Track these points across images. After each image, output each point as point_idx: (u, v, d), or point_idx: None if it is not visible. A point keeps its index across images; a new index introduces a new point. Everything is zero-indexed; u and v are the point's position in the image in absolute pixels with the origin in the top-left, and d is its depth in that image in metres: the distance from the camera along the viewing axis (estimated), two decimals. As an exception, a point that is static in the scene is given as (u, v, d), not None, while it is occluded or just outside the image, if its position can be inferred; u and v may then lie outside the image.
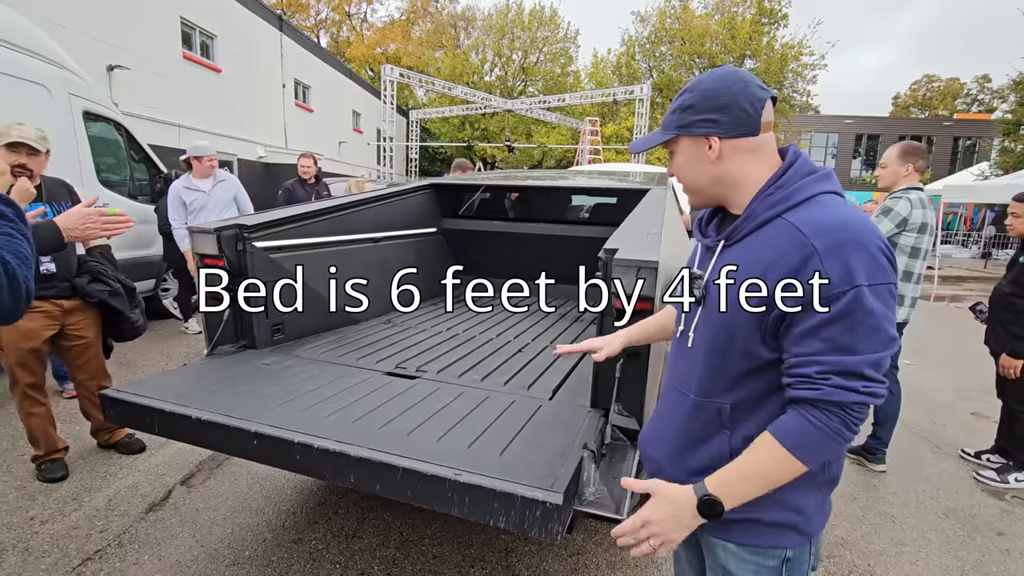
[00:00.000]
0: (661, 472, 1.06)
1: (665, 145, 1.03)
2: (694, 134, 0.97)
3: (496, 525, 1.27)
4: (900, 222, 2.84)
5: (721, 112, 0.94)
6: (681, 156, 1.02)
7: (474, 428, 1.57)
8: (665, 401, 1.13)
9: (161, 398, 1.69)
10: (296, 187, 5.49)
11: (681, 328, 1.07)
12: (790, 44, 24.06)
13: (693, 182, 1.03)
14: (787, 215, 0.90)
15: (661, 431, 1.12)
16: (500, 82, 29.99)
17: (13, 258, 0.93)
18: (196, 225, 2.17)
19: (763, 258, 0.90)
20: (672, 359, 1.13)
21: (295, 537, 2.31)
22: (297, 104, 17.34)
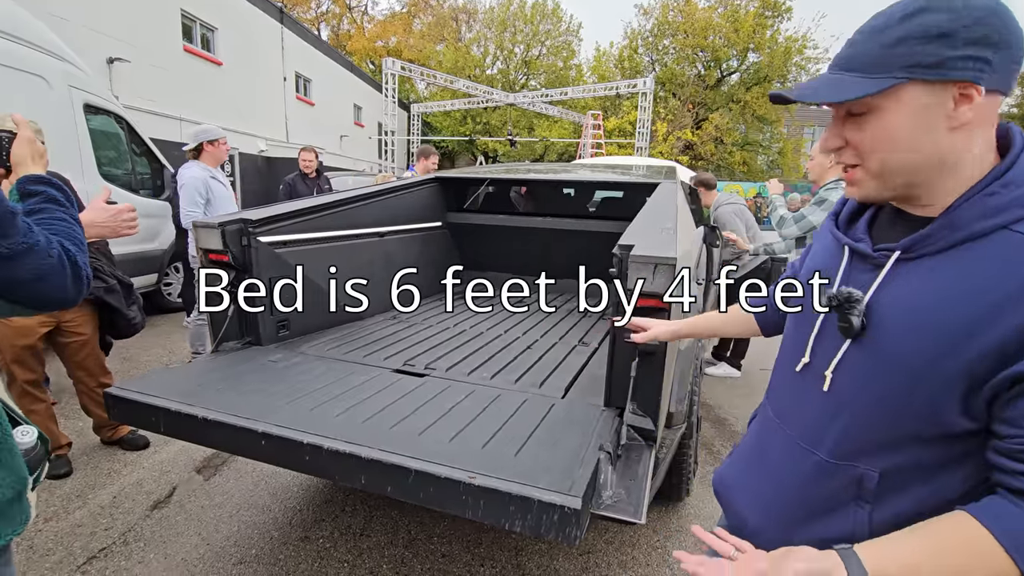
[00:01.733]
0: (754, 537, 0.81)
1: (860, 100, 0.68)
2: (948, 78, 0.63)
3: (512, 529, 1.24)
4: None
5: (995, 50, 0.62)
6: (900, 115, 0.66)
7: (487, 428, 1.54)
8: (767, 445, 0.90)
9: (166, 396, 1.66)
10: (297, 181, 5.45)
11: (806, 360, 0.81)
12: (794, 37, 23.89)
13: (905, 158, 0.68)
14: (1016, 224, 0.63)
15: (758, 486, 0.88)
16: (502, 76, 29.83)
17: (72, 245, 0.93)
18: (200, 220, 2.13)
19: (988, 288, 0.63)
20: (781, 394, 0.89)
21: (302, 535, 2.28)
22: (298, 97, 17.25)
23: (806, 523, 0.79)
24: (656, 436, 1.62)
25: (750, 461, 0.94)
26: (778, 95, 0.73)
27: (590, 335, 2.69)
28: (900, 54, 0.64)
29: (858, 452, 0.74)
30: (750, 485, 0.91)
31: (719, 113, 24.18)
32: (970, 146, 0.66)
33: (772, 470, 0.87)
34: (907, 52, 0.64)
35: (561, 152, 27.04)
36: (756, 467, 0.91)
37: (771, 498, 0.86)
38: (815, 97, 0.70)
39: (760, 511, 0.87)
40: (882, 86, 0.65)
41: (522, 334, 2.66)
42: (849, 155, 0.74)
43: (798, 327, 0.86)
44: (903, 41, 0.64)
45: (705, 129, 23.88)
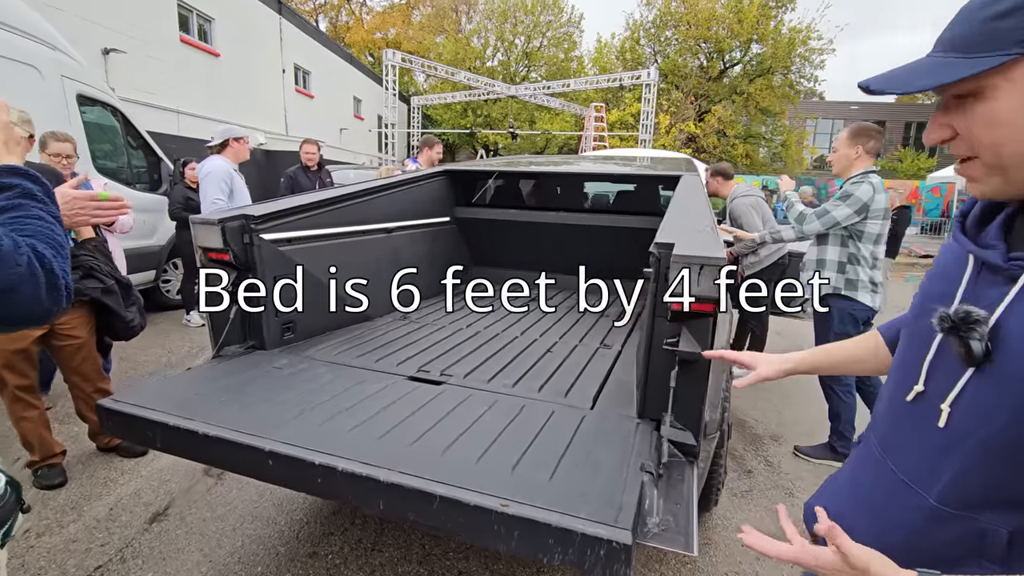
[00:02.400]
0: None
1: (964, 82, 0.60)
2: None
3: (551, 563, 1.11)
4: (860, 208, 2.67)
5: None
6: (1013, 96, 0.58)
7: (516, 445, 1.40)
8: (866, 480, 0.79)
9: (163, 409, 1.52)
10: (299, 174, 5.28)
11: (919, 389, 0.70)
12: (798, 28, 23.59)
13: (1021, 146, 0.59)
14: None
15: (858, 525, 0.74)
16: (503, 67, 29.52)
17: (49, 249, 0.78)
18: (198, 216, 1.99)
19: None
20: (888, 424, 0.77)
21: (310, 551, 2.15)
22: (297, 90, 17.03)
23: None
24: (698, 451, 1.49)
25: (848, 495, 0.83)
26: (867, 86, 0.65)
27: (611, 336, 2.55)
28: (1010, 27, 0.56)
29: (979, 503, 0.63)
30: (851, 524, 0.77)
31: (722, 105, 23.92)
32: None
33: (875, 509, 0.76)
34: (1016, 25, 0.56)
35: (562, 145, 26.80)
36: (855, 503, 0.80)
37: (874, 541, 0.72)
38: (907, 87, 0.62)
39: None
40: (987, 65, 0.57)
41: (539, 335, 2.52)
42: (961, 146, 0.64)
43: (911, 347, 0.74)
44: (1010, 13, 0.56)
45: (708, 121, 23.63)
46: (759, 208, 4.14)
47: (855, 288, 2.78)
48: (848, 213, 2.71)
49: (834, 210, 2.76)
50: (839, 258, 2.83)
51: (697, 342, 1.44)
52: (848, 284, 2.80)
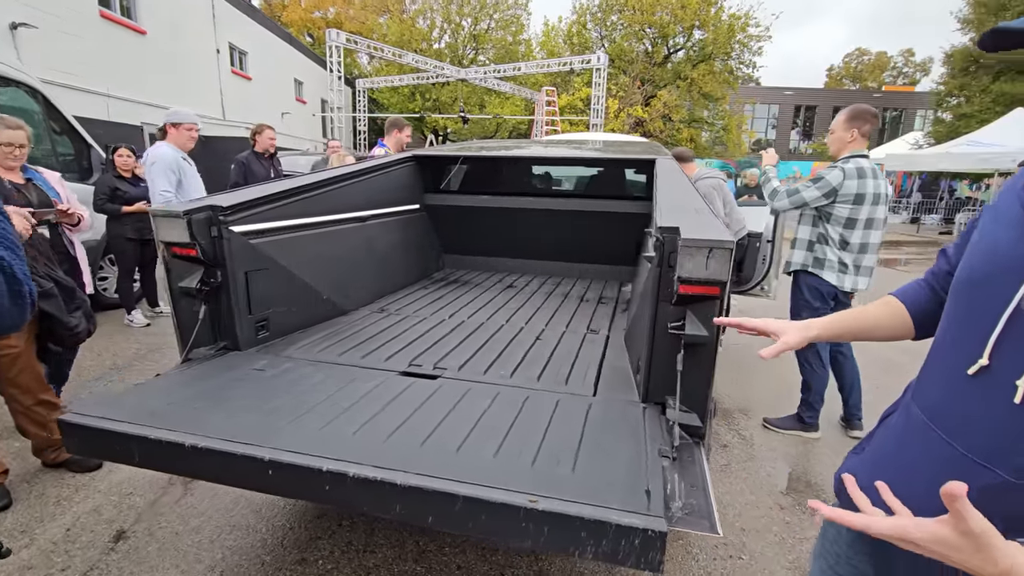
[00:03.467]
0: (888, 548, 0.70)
1: None
2: None
3: (582, 557, 1.09)
4: (829, 191, 2.78)
5: None
6: None
7: (529, 439, 1.37)
8: (913, 452, 0.78)
9: (137, 421, 1.39)
10: (251, 160, 4.95)
11: (984, 363, 0.68)
12: (737, 15, 24.34)
13: None
14: None
15: (900, 495, 0.72)
16: (450, 50, 28.91)
17: (6, 251, 0.66)
18: (160, 208, 1.81)
19: None
20: (943, 397, 0.75)
21: (298, 557, 2.05)
22: (234, 71, 16.06)
23: None
24: (704, 433, 1.50)
25: (888, 467, 0.81)
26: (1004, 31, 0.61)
27: (596, 321, 2.55)
28: None
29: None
30: (903, 496, 0.75)
31: (667, 90, 24.43)
32: None
33: (920, 481, 0.73)
34: None
35: (512, 129, 26.65)
36: (897, 475, 0.78)
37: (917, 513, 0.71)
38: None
39: None
40: None
41: (525, 323, 2.49)
42: None
43: (971, 318, 0.72)
44: None
45: (654, 106, 24.10)
46: (720, 190, 4.25)
47: (821, 266, 2.90)
48: (816, 195, 2.81)
49: (804, 191, 2.85)
50: (809, 237, 2.94)
51: (703, 325, 1.45)
52: (815, 262, 2.92)
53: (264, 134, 5.00)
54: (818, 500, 0.73)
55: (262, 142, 4.97)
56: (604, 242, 3.48)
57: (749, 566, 2.11)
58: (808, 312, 2.97)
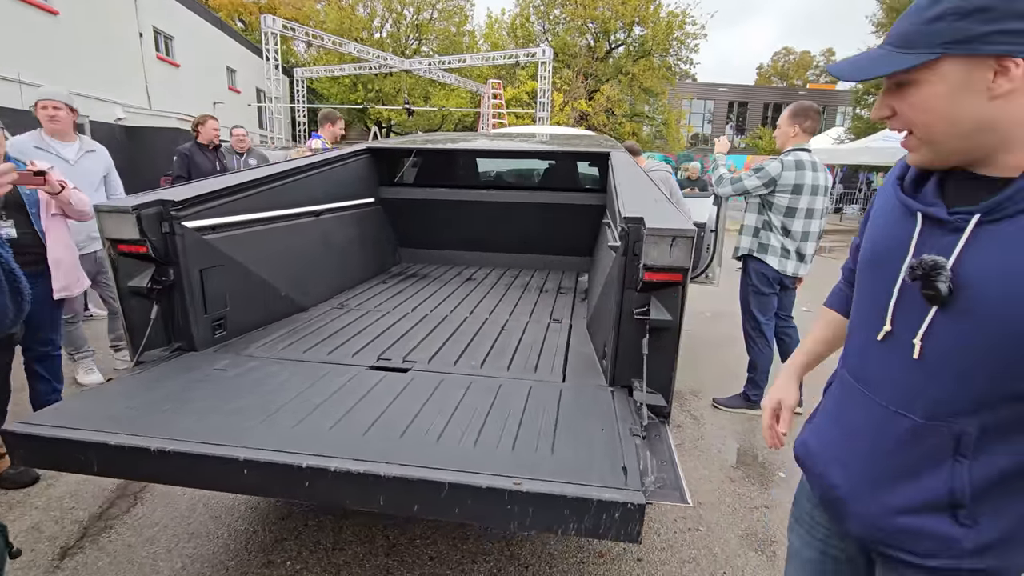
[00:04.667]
0: (847, 503, 0.86)
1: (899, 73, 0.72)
2: (982, 53, 0.66)
3: (564, 533, 1.14)
4: (768, 181, 2.99)
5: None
6: (938, 87, 0.69)
7: (507, 425, 1.41)
8: (850, 413, 0.88)
9: (95, 427, 1.32)
10: (195, 152, 4.69)
11: (887, 329, 0.80)
12: (675, 13, 25.13)
13: (948, 128, 0.71)
14: None
15: (847, 454, 0.87)
16: (393, 40, 28.24)
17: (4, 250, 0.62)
18: (104, 204, 1.71)
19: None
20: (863, 361, 0.87)
21: (264, 560, 2.00)
22: (159, 57, 15.05)
23: (903, 484, 0.79)
24: (669, 412, 1.59)
25: (833, 429, 0.92)
26: (835, 72, 0.79)
27: (558, 310, 2.61)
28: (938, 30, 0.68)
29: (955, 412, 0.74)
30: (839, 454, 0.89)
31: (609, 84, 24.95)
32: (1021, 114, 0.67)
33: (860, 436, 0.85)
34: (944, 28, 0.67)
35: (457, 122, 26.44)
36: (841, 435, 0.90)
37: (863, 464, 0.85)
38: (857, 74, 0.76)
39: (853, 478, 0.86)
40: (917, 61, 0.70)
41: (488, 314, 2.52)
42: (898, 123, 0.78)
43: (872, 293, 0.85)
44: (942, 17, 0.67)
45: (597, 100, 24.57)
46: (667, 183, 4.43)
47: (765, 252, 3.10)
48: (756, 184, 3.00)
49: (746, 179, 3.04)
50: (755, 224, 3.13)
51: (667, 310, 1.53)
52: (760, 247, 3.12)
53: (208, 125, 4.74)
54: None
55: (205, 133, 4.71)
56: (560, 233, 3.55)
57: (707, 536, 2.24)
58: (756, 296, 3.17)
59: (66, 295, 2.49)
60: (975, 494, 0.74)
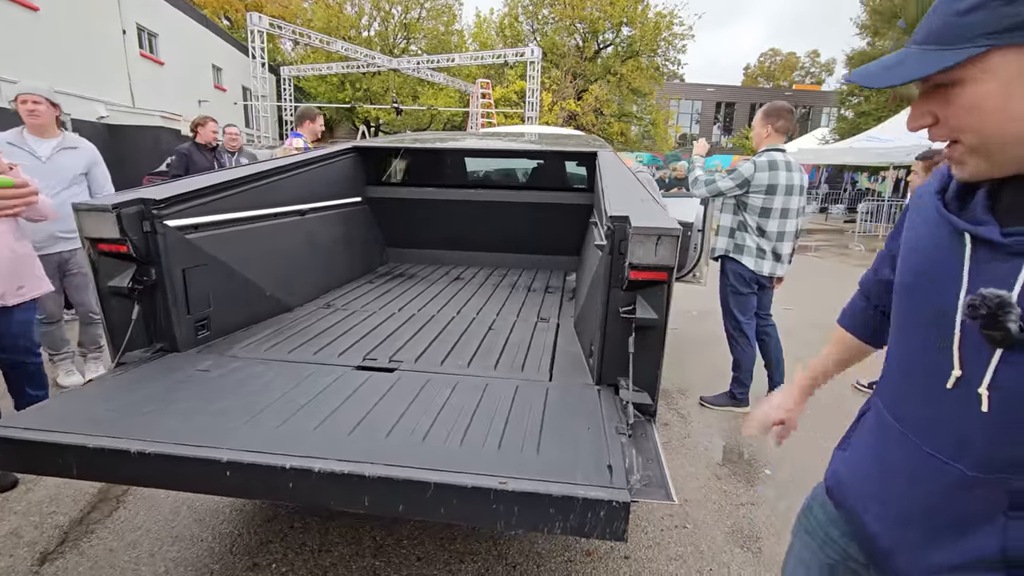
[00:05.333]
0: (883, 557, 0.79)
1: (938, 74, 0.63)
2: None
3: (551, 533, 1.14)
4: (742, 182, 3.00)
5: None
6: (991, 84, 0.60)
7: (493, 424, 1.40)
8: (889, 453, 0.79)
9: (73, 429, 1.30)
10: (193, 152, 4.65)
11: (958, 374, 0.68)
12: (662, 13, 25.30)
13: (1010, 127, 0.61)
14: None
15: (886, 497, 0.78)
16: (381, 39, 28.09)
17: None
18: (82, 203, 1.68)
19: None
20: (909, 401, 0.77)
21: (249, 563, 1.98)
22: (143, 55, 14.84)
23: (950, 539, 0.70)
24: (655, 410, 1.60)
25: (871, 466, 0.84)
26: (857, 80, 0.69)
27: (545, 310, 2.61)
28: (979, 21, 0.59)
29: (1013, 464, 0.65)
30: (877, 494, 0.81)
31: (598, 84, 25.05)
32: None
33: (901, 481, 0.76)
34: (987, 17, 0.58)
35: (446, 121, 26.39)
36: (879, 474, 0.81)
37: (904, 511, 0.76)
38: (884, 79, 0.66)
39: (893, 526, 0.77)
40: (961, 57, 0.60)
41: (476, 314, 2.51)
42: (942, 131, 0.67)
43: (920, 328, 0.73)
44: (983, 5, 0.59)
45: (586, 100, 24.65)
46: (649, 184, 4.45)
47: (741, 252, 3.12)
48: (730, 185, 3.03)
49: (720, 181, 3.07)
50: (731, 224, 3.16)
51: (653, 309, 1.53)
52: (736, 248, 3.14)
53: (207, 126, 4.72)
54: None
55: (204, 134, 4.69)
56: (548, 233, 3.55)
57: (693, 534, 2.26)
58: (734, 297, 3.19)
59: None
60: (1009, 553, 0.65)
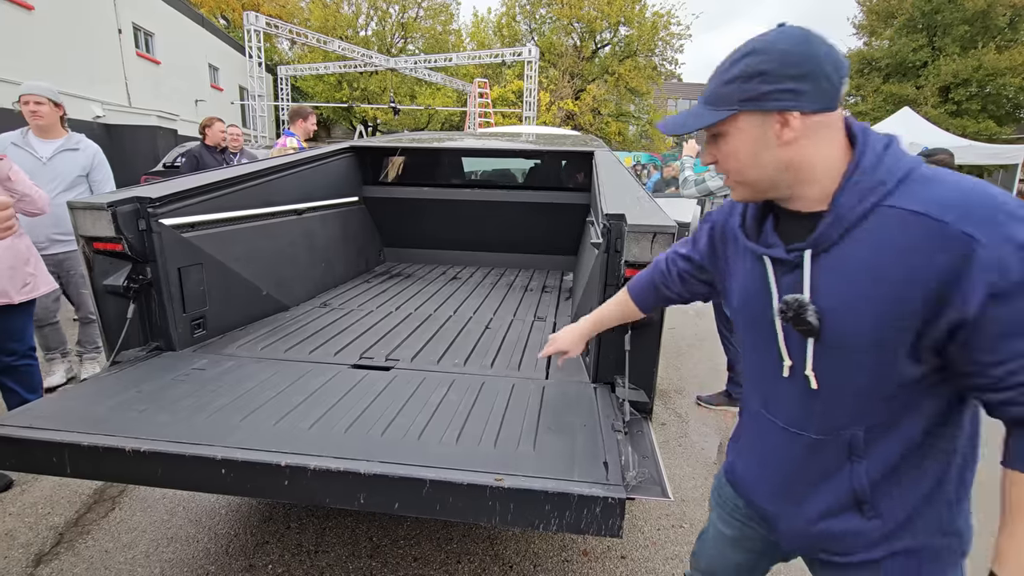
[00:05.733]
0: (777, 520, 0.96)
1: (712, 127, 0.83)
2: (766, 109, 0.77)
3: (547, 530, 1.14)
4: None
5: (803, 81, 0.75)
6: (740, 137, 0.81)
7: (489, 422, 1.40)
8: (762, 437, 0.97)
9: (69, 428, 1.29)
10: (203, 153, 4.64)
11: (789, 364, 0.86)
12: (660, 13, 25.32)
13: (754, 171, 0.82)
14: (892, 201, 0.73)
15: (767, 475, 0.97)
16: (378, 38, 28.07)
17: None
18: (78, 201, 1.67)
19: (892, 261, 0.73)
20: (766, 391, 0.94)
21: (245, 564, 1.98)
22: (139, 54, 14.79)
23: (814, 494, 0.89)
24: (651, 408, 1.60)
25: (752, 453, 1.02)
26: (662, 128, 0.90)
27: (542, 309, 2.61)
28: (735, 91, 0.79)
29: (841, 423, 0.83)
30: (762, 475, 0.98)
31: (596, 84, 25.05)
32: (818, 151, 0.78)
33: (772, 458, 0.95)
34: (737, 89, 0.79)
35: (444, 121, 26.37)
36: (759, 458, 0.99)
37: (779, 482, 0.94)
38: (681, 129, 0.86)
39: (775, 497, 0.95)
40: (721, 116, 0.81)
41: (472, 313, 2.51)
42: (719, 168, 0.88)
43: (759, 336, 0.91)
44: (735, 80, 0.79)
45: (584, 100, 24.66)
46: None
47: None
48: (719, 184, 3.04)
49: (709, 180, 3.07)
50: None
51: None
52: None
53: (215, 127, 4.72)
54: None
55: (213, 135, 4.69)
56: (545, 232, 3.55)
57: (690, 533, 2.26)
58: None
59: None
60: (873, 489, 0.83)
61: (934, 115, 14.48)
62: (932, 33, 15.90)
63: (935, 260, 0.69)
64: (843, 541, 0.87)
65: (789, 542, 0.96)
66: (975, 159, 11.52)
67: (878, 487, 0.82)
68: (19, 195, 2.30)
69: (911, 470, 0.81)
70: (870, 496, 0.83)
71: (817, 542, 0.90)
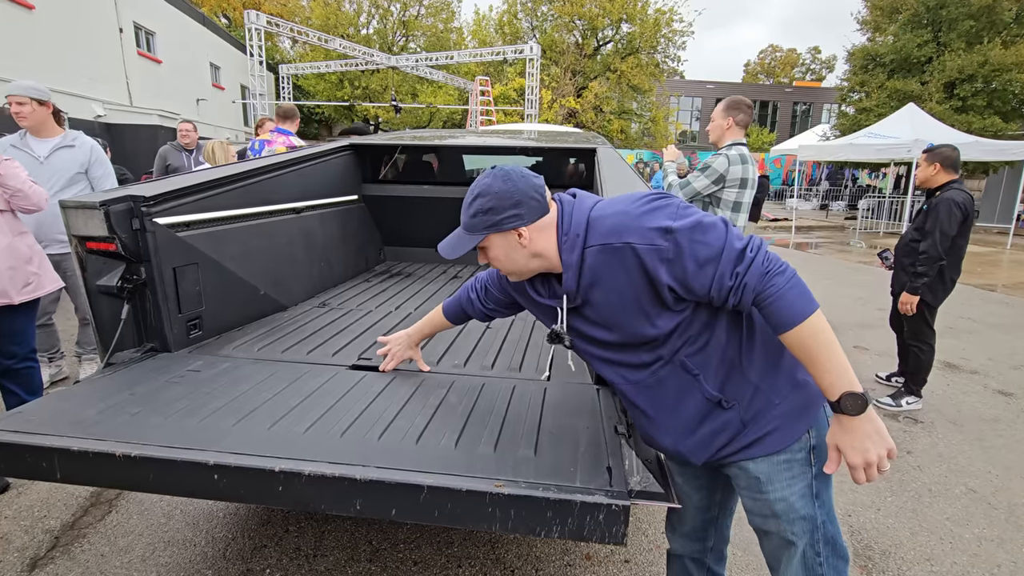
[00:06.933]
0: (678, 451, 1.22)
1: (478, 244, 1.17)
2: (504, 230, 1.11)
3: (548, 536, 1.10)
4: (717, 178, 2.90)
5: (519, 207, 1.10)
6: (497, 249, 1.16)
7: (489, 425, 1.36)
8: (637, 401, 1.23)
9: (59, 432, 1.26)
10: (171, 152, 4.63)
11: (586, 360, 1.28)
12: (662, 10, 25.18)
13: (515, 265, 1.17)
14: (588, 244, 1.08)
15: (651, 424, 1.23)
16: (379, 36, 28.00)
17: None
18: (71, 200, 1.64)
19: (611, 276, 1.07)
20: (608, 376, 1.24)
21: (243, 569, 1.95)
22: (140, 53, 14.78)
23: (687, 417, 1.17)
24: None
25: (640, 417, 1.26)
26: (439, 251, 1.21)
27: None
28: (480, 221, 1.13)
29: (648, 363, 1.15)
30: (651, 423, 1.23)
31: (597, 82, 24.95)
32: (547, 239, 1.13)
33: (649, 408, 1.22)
34: (482, 220, 1.12)
35: (446, 119, 26.32)
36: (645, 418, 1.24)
37: (661, 420, 1.21)
38: (454, 252, 1.18)
39: (669, 436, 1.21)
40: (478, 240, 1.15)
41: (473, 313, 2.47)
42: (493, 267, 1.26)
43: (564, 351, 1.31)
44: (476, 215, 1.13)
45: (585, 97, 24.56)
46: None
47: None
48: (706, 183, 2.92)
49: (694, 182, 2.96)
50: None
51: None
52: None
53: (180, 127, 4.73)
54: None
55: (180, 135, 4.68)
56: None
57: (695, 535, 2.22)
58: None
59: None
60: (719, 387, 1.12)
61: (939, 111, 14.34)
62: (937, 28, 15.73)
63: (627, 264, 1.04)
64: (725, 437, 1.15)
65: (696, 456, 1.19)
66: (980, 155, 11.40)
67: (722, 384, 1.12)
68: (12, 191, 2.28)
69: (732, 361, 1.11)
70: (720, 392, 1.11)
71: (715, 450, 1.17)
